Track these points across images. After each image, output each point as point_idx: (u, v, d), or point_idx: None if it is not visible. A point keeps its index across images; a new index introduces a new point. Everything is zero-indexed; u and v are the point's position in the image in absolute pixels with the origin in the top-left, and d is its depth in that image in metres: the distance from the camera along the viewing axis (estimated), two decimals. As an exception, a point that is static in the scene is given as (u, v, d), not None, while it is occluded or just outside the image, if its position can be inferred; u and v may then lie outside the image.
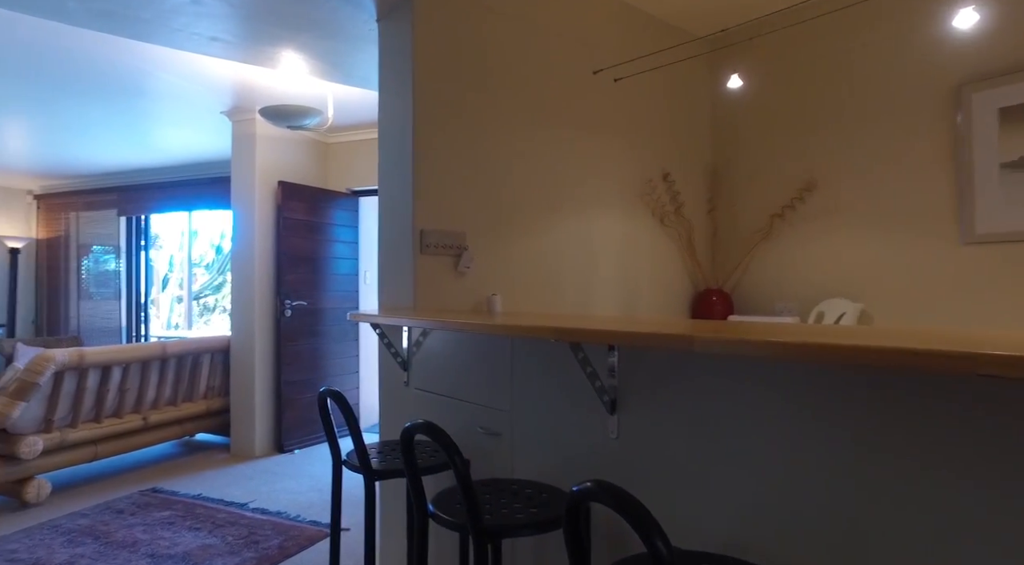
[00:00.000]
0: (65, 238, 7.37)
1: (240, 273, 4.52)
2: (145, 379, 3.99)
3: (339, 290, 5.02)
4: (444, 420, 2.22)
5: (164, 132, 5.16)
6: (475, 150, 2.60)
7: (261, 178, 4.51)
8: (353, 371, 5.17)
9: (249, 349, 4.44)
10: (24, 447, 3.36)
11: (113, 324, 7.08)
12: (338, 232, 5.01)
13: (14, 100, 4.32)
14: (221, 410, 4.58)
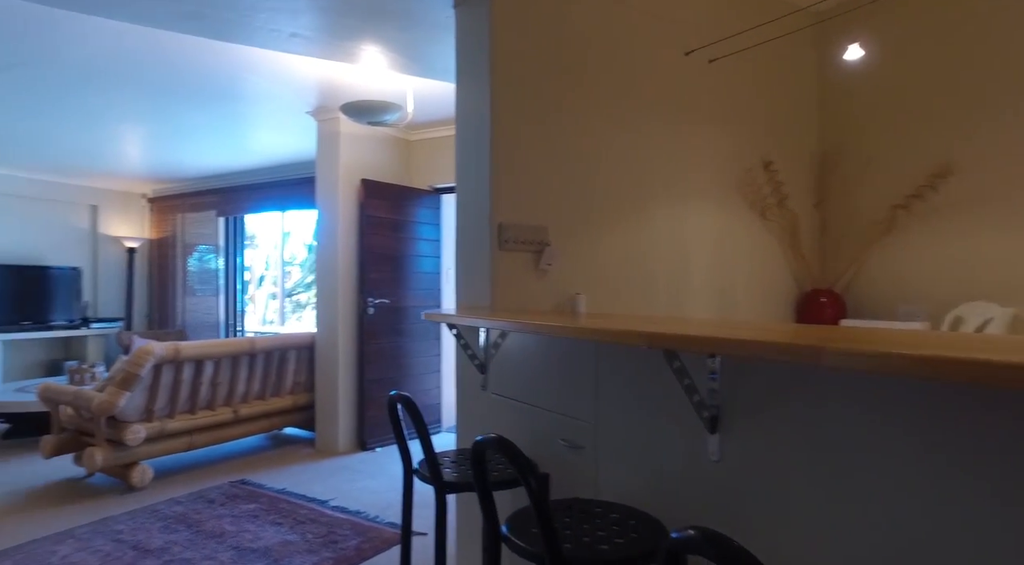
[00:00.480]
0: (173, 238, 7.83)
1: (324, 271, 4.57)
2: (235, 373, 4.10)
3: (421, 288, 5.00)
4: (522, 429, 2.07)
5: (256, 135, 5.32)
6: (558, 139, 2.43)
7: (344, 176, 4.54)
8: (434, 370, 5.13)
9: (333, 346, 4.49)
10: (129, 434, 3.52)
11: (213, 319, 7.45)
12: (421, 230, 4.99)
13: (133, 109, 4.57)
14: (307, 405, 4.66)
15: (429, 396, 5.07)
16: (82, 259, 7.51)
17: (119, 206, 7.91)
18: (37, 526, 3.15)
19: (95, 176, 7.26)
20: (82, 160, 6.44)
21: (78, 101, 4.48)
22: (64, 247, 7.38)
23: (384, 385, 4.68)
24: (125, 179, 7.46)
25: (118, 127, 5.21)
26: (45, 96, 4.38)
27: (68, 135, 5.45)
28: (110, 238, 7.77)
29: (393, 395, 1.80)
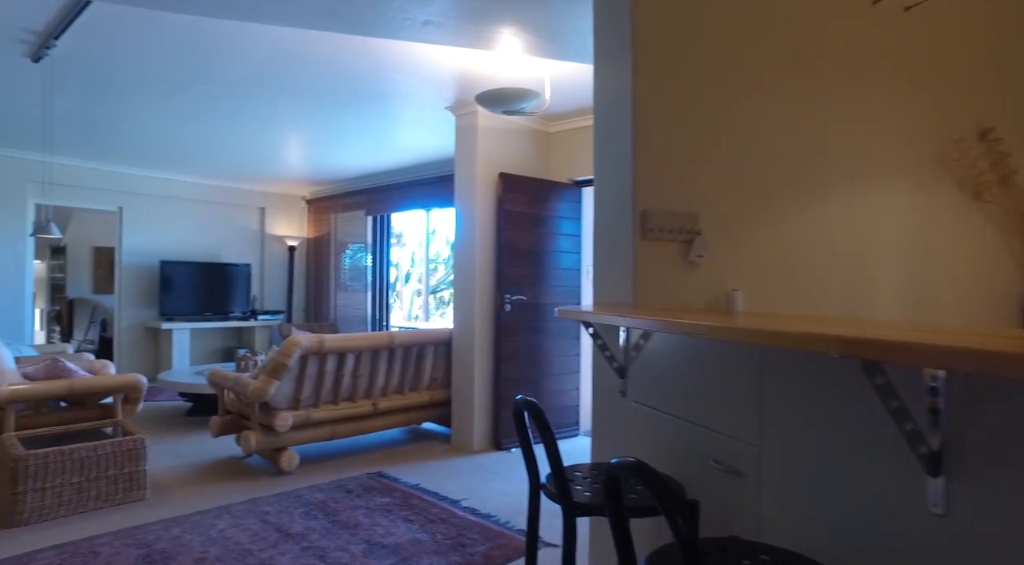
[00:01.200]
0: (327, 237, 8.35)
1: (462, 266, 4.53)
2: (375, 367, 4.17)
3: (560, 285, 4.81)
4: (667, 444, 1.79)
5: (400, 134, 5.44)
6: (711, 112, 2.11)
7: (482, 170, 4.46)
8: (573, 371, 4.92)
9: (469, 343, 4.44)
10: (278, 421, 3.68)
11: (361, 313, 7.82)
12: (560, 224, 4.80)
13: (292, 115, 4.86)
14: (443, 402, 4.66)
15: (567, 397, 4.88)
16: (251, 256, 8.23)
17: (282, 208, 8.58)
18: (202, 498, 3.37)
19: (263, 181, 7.92)
20: (253, 166, 7.03)
21: (245, 111, 4.83)
22: (237, 246, 8.13)
23: (520, 384, 4.56)
24: (288, 183, 8.06)
25: (281, 133, 5.58)
26: (217, 109, 4.76)
27: (239, 143, 5.94)
28: (274, 237, 8.45)
29: (519, 400, 1.61)
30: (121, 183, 7.10)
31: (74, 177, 6.77)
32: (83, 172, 6.82)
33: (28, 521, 2.99)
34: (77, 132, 5.58)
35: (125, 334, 7.22)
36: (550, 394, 4.76)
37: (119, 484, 3.25)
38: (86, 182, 6.86)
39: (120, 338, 7.19)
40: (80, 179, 6.81)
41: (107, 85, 4.23)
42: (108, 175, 6.99)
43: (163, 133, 5.56)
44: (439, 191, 6.76)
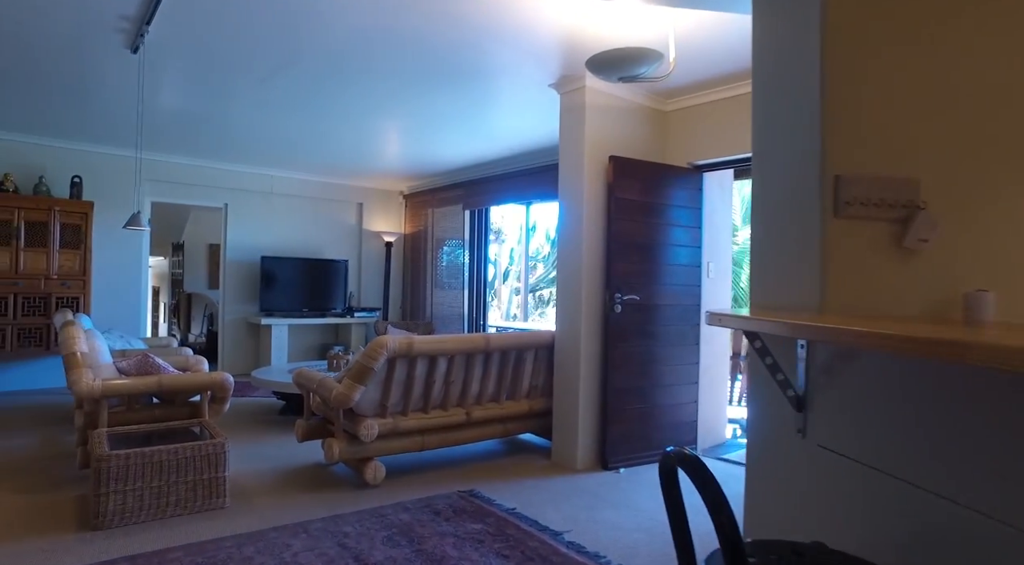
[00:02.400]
0: (424, 232, 8.12)
1: (566, 261, 4.04)
2: (469, 372, 3.77)
3: (676, 284, 4.21)
4: (884, 519, 1.21)
5: (499, 119, 5.03)
6: (935, 36, 1.49)
7: (590, 154, 3.95)
8: (691, 381, 4.30)
9: (574, 348, 3.94)
10: (363, 429, 3.36)
11: (458, 312, 7.52)
12: (676, 214, 4.20)
13: (389, 101, 4.57)
14: (544, 412, 4.18)
15: (683, 412, 4.26)
16: (349, 253, 8.15)
17: (380, 203, 8.45)
18: (281, 511, 3.10)
19: (361, 176, 7.80)
20: (350, 160, 6.88)
21: (339, 100, 4.61)
22: (335, 242, 8.08)
23: (631, 396, 4.00)
24: (385, 177, 7.90)
25: (377, 123, 5.33)
26: (312, 97, 4.55)
27: (336, 136, 5.76)
28: (372, 233, 8.33)
29: (671, 455, 1.06)
30: (226, 180, 7.19)
31: (185, 175, 6.91)
32: (192, 170, 6.95)
33: (109, 524, 2.82)
34: (181, 128, 5.60)
35: (228, 329, 7.31)
36: (664, 408, 4.16)
37: (198, 490, 3.02)
38: (195, 179, 6.99)
39: (223, 333, 7.30)
40: (190, 177, 6.94)
41: (202, 74, 4.10)
42: (215, 172, 7.10)
43: (261, 126, 5.47)
44: (540, 182, 6.30)
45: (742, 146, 3.98)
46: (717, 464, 4.15)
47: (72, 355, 3.31)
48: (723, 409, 4.94)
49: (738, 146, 4.01)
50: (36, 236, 5.73)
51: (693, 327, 4.31)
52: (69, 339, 3.35)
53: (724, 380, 4.98)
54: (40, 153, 6.04)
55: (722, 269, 4.75)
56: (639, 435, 4.04)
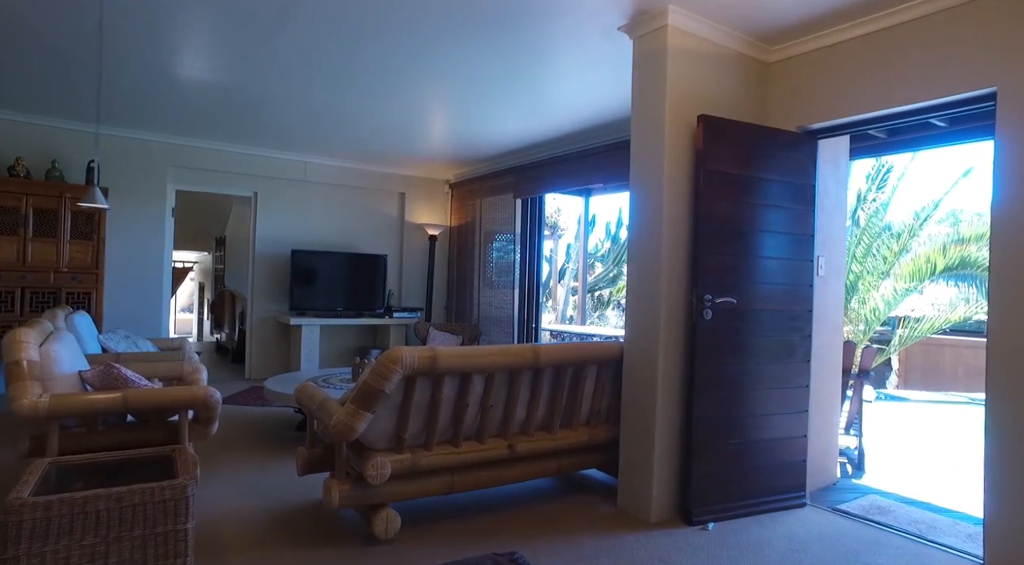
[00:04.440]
0: (472, 225, 7.33)
1: (640, 253, 3.13)
2: (513, 394, 2.92)
3: (781, 283, 3.24)
4: None
5: (553, 83, 4.15)
6: None
7: (673, 113, 3.03)
8: (800, 409, 3.32)
9: (648, 364, 3.03)
10: (371, 468, 2.56)
11: (507, 313, 6.69)
12: (783, 193, 3.23)
13: (422, 58, 3.79)
14: (608, 443, 3.30)
15: (789, 449, 3.28)
16: (389, 247, 7.44)
17: (424, 193, 7.71)
18: (258, 581, 2.34)
19: (403, 162, 7.08)
20: (391, 143, 6.15)
21: (374, 66, 3.88)
22: (374, 235, 7.38)
23: (721, 427, 3.07)
24: (430, 163, 7.15)
25: (419, 97, 4.59)
26: (343, 64, 3.85)
27: (372, 110, 5.02)
28: (414, 226, 7.60)
29: None
30: (256, 166, 6.59)
31: (212, 161, 6.34)
32: (220, 155, 6.36)
33: (22, 598, 2.11)
34: (206, 106, 4.99)
35: (257, 329, 6.71)
36: (765, 444, 3.20)
37: (149, 549, 2.28)
38: (223, 165, 6.41)
39: (252, 333, 6.70)
40: (217, 163, 6.37)
41: (222, 32, 3.41)
42: (244, 158, 6.50)
43: (287, 100, 4.78)
44: (603, 165, 5.40)
45: (876, 101, 2.98)
46: (837, 521, 3.15)
47: (15, 364, 2.64)
48: (835, 440, 3.93)
49: (869, 101, 3.01)
50: (46, 225, 5.22)
51: (804, 339, 3.32)
52: (13, 344, 2.68)
53: (836, 405, 3.96)
54: (53, 136, 5.55)
55: (835, 266, 3.74)
56: (732, 479, 3.10)
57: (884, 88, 2.95)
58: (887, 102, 2.94)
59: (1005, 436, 2.51)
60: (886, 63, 2.95)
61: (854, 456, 4.31)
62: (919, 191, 9.76)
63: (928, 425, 6.04)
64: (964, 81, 2.71)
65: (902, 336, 7.98)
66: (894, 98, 2.92)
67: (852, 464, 4.30)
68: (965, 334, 9.44)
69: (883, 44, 2.96)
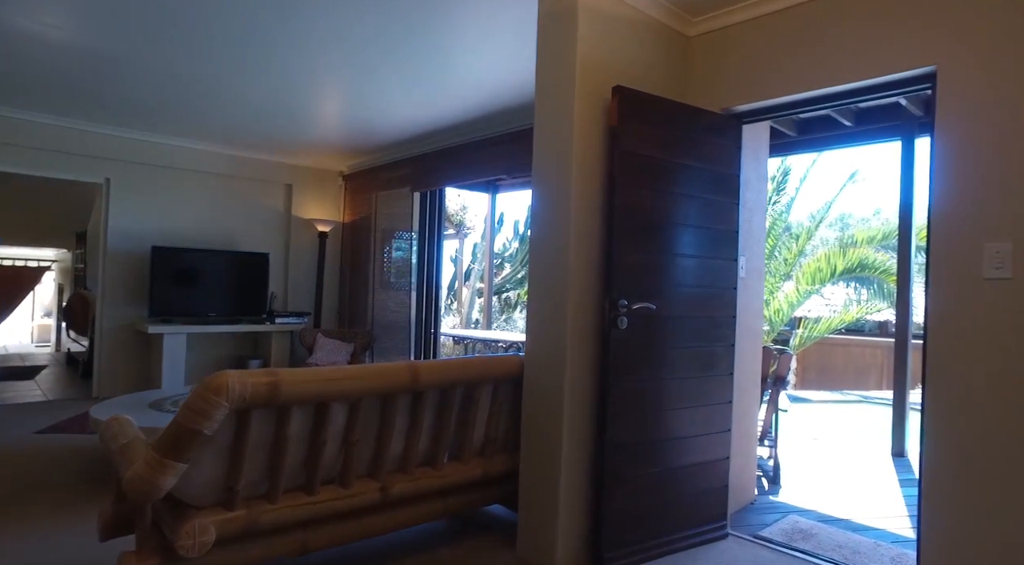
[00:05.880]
0: (368, 221, 6.65)
1: (544, 252, 2.63)
2: (386, 424, 2.33)
3: (701, 285, 2.84)
4: None
5: (452, 54, 3.60)
6: None
7: (584, 84, 2.56)
8: (723, 428, 2.94)
9: (553, 383, 2.54)
10: (185, 536, 1.90)
11: (403, 318, 6.07)
12: (706, 183, 2.83)
13: (308, 35, 3.13)
14: (508, 475, 2.78)
15: (711, 475, 2.89)
16: (273, 244, 6.61)
17: (314, 185, 6.94)
18: None
19: (291, 150, 6.30)
20: (276, 129, 5.38)
21: (256, 39, 3.17)
22: (256, 231, 6.53)
23: (638, 453, 2.62)
24: (320, 152, 6.41)
25: (305, 70, 3.89)
26: (220, 35, 3.10)
27: (251, 87, 4.28)
28: (303, 221, 6.82)
29: None
30: (108, 148, 5.60)
31: (48, 139, 5.31)
32: (59, 133, 5.34)
33: None
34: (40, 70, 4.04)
35: (108, 338, 5.71)
36: (687, 471, 2.79)
37: None
38: (63, 145, 5.39)
39: (101, 343, 5.70)
40: (56, 141, 5.34)
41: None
42: (91, 137, 5.50)
43: (148, 71, 3.96)
44: (509, 155, 4.90)
45: (808, 80, 2.65)
46: (762, 554, 2.79)
47: None
48: (753, 456, 3.63)
49: (800, 81, 2.67)
50: None
51: (728, 349, 2.94)
52: None
53: (755, 417, 3.65)
54: None
55: (756, 267, 3.42)
56: (651, 513, 2.66)
57: (816, 67, 2.61)
58: (819, 82, 2.60)
59: (943, 462, 2.20)
60: (818, 38, 2.61)
61: (769, 468, 4.05)
62: (814, 195, 9.98)
63: (831, 427, 5.97)
64: (902, 59, 2.40)
65: (802, 336, 8.05)
66: (827, 78, 2.58)
67: (768, 478, 4.04)
68: (854, 334, 9.74)
69: (815, 17, 2.62)
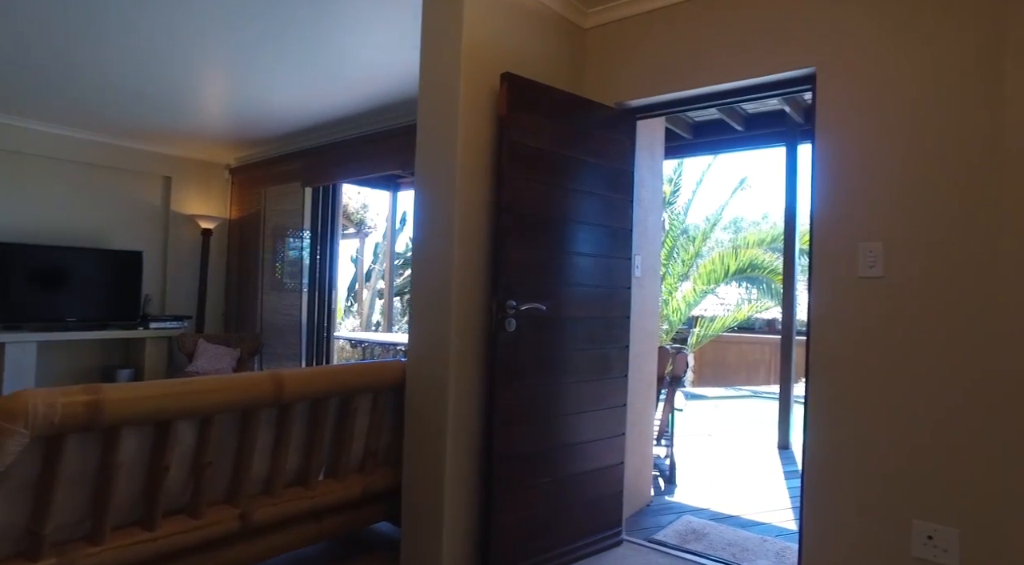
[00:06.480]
0: (257, 217, 6.19)
1: (425, 249, 2.45)
2: (247, 442, 2.06)
3: (594, 284, 2.75)
4: None
5: (346, 39, 3.34)
6: None
7: (471, 69, 2.39)
8: (618, 432, 2.86)
9: (437, 390, 2.35)
10: (-21, 590, 1.56)
11: (295, 321, 5.69)
12: (599, 178, 2.75)
13: None
14: (391, 490, 2.57)
15: (606, 481, 2.80)
16: (148, 242, 6.01)
17: (196, 178, 6.38)
18: None
19: (171, 139, 5.75)
20: (148, 112, 4.85)
21: None
22: (127, 227, 5.91)
23: (530, 463, 2.48)
24: (204, 143, 5.89)
25: (184, 49, 3.47)
26: None
27: (120, 64, 3.79)
28: (184, 217, 6.25)
29: None
30: (-63, 128, 4.88)
31: None
32: None
33: None
34: None
35: (-61, 348, 4.96)
36: (581, 478, 2.68)
37: None
38: None
39: (-72, 353, 4.94)
40: None
41: None
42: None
43: None
44: (403, 149, 4.66)
45: (698, 77, 2.62)
46: (655, 559, 2.73)
47: None
48: (649, 458, 3.61)
49: (690, 78, 2.64)
50: None
51: (621, 351, 2.87)
52: None
53: (650, 419, 3.64)
54: None
55: (652, 266, 3.40)
56: (543, 524, 2.54)
57: (705, 64, 2.59)
58: (708, 79, 2.58)
59: (824, 455, 2.22)
60: (708, 36, 2.59)
61: (666, 468, 4.06)
62: (709, 199, 10.42)
63: (725, 423, 6.17)
64: (785, 60, 2.41)
65: (699, 335, 8.33)
66: (715, 75, 2.56)
67: (664, 477, 4.05)
68: (746, 331, 10.23)
69: (705, 14, 2.60)
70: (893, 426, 2.09)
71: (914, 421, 2.05)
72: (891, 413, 2.10)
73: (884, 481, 2.10)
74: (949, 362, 2.00)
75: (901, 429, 2.08)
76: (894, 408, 2.09)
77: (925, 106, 2.08)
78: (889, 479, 2.09)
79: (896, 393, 2.09)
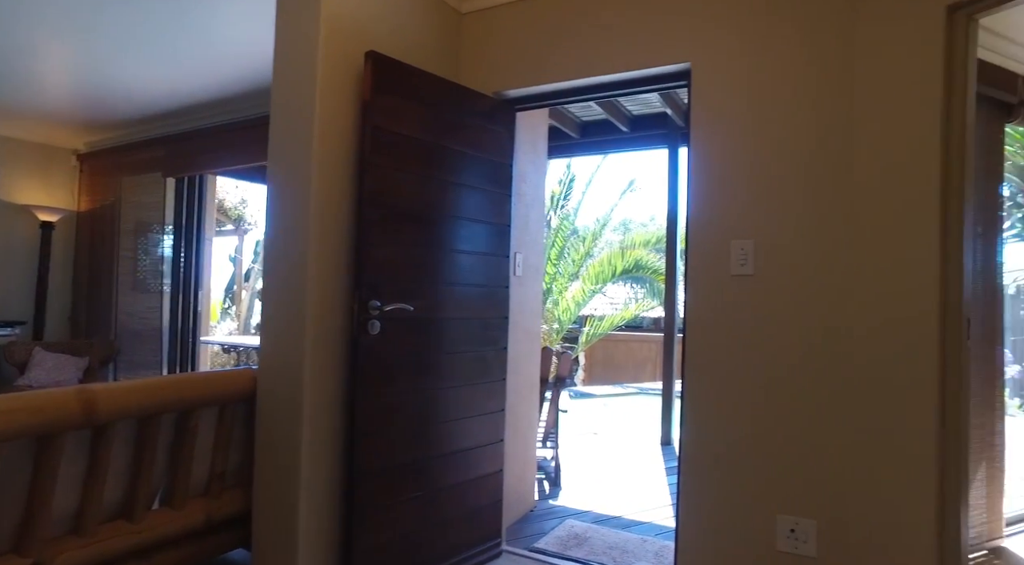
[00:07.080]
0: (112, 210, 5.54)
1: (279, 245, 2.19)
2: (43, 474, 1.72)
3: (473, 284, 2.60)
4: None
5: (210, 19, 2.98)
6: None
7: (332, 48, 2.16)
8: (496, 438, 2.72)
9: (290, 400, 2.10)
10: None
11: (156, 325, 5.14)
12: (475, 171, 2.60)
13: None
14: (241, 515, 2.28)
15: (484, 491, 2.65)
16: (-31, 235, 5.24)
17: (34, 164, 5.62)
18: None
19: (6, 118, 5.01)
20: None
21: None
22: (-57, 217, 5.12)
23: (398, 477, 2.29)
24: (45, 124, 5.19)
25: None
26: None
27: None
28: (16, 208, 5.48)
29: None
30: None
31: None
32: None
33: None
34: None
35: None
36: (455, 491, 2.51)
37: None
38: None
39: None
40: None
41: None
42: None
43: None
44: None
45: (578, 68, 2.54)
46: (536, 571, 2.63)
47: None
48: (532, 463, 3.51)
49: (569, 68, 2.56)
50: None
51: (499, 352, 2.74)
52: None
53: (533, 422, 3.54)
54: None
55: (534, 264, 3.30)
56: (415, 543, 2.35)
57: (583, 55, 2.51)
58: (585, 70, 2.51)
59: (698, 449, 2.20)
60: (585, 27, 2.51)
61: (551, 470, 4.00)
62: (599, 201, 10.64)
63: (611, 421, 6.25)
64: (661, 55, 2.38)
65: (588, 334, 8.45)
66: (592, 67, 2.50)
67: (550, 480, 3.98)
68: (634, 330, 10.53)
69: (585, 5, 2.52)
70: (758, 422, 2.10)
71: (777, 417, 2.07)
72: (756, 409, 2.10)
73: (752, 476, 2.11)
74: (812, 360, 2.03)
75: (766, 425, 2.09)
76: (759, 404, 2.10)
77: (786, 106, 2.10)
78: (756, 474, 2.10)
79: (762, 390, 2.10)
